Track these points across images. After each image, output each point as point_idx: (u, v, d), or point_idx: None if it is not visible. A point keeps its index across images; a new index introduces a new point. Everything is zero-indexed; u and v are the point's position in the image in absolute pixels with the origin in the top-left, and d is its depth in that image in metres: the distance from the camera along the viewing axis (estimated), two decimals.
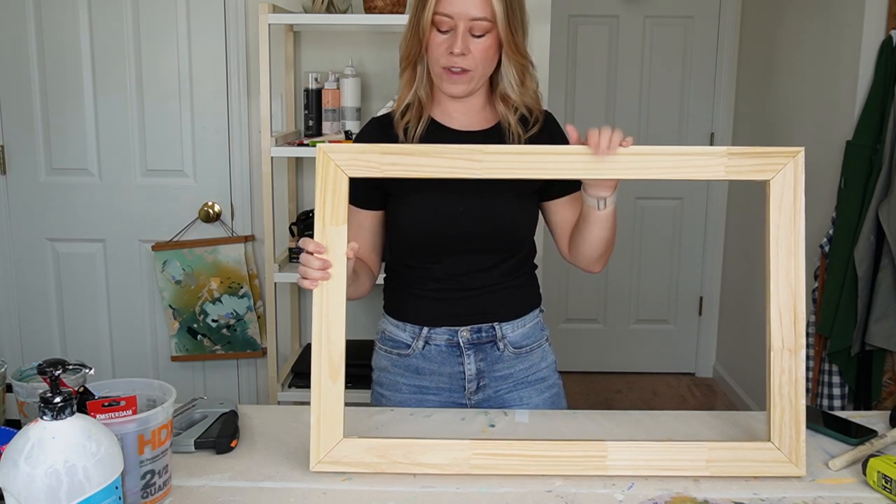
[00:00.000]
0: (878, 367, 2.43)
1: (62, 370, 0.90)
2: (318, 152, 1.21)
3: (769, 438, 1.19)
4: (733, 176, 1.19)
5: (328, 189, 1.20)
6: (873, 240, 2.37)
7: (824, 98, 2.80)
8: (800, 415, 1.17)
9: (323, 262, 1.19)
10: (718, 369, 3.97)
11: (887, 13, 2.47)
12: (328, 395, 1.18)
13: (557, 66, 3.73)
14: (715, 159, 1.18)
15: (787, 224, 1.18)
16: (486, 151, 1.20)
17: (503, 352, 1.50)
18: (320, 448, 1.18)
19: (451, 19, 1.33)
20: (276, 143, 2.39)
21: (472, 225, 1.42)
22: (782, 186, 1.18)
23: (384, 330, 1.56)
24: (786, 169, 1.18)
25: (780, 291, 1.18)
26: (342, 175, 1.20)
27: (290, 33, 2.63)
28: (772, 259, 1.18)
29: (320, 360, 1.19)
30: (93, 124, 2.71)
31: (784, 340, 1.18)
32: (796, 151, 1.18)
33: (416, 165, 1.21)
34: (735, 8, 3.72)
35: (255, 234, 2.77)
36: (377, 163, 1.21)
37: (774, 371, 1.18)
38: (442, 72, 1.38)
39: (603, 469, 1.17)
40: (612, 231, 1.43)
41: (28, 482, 0.83)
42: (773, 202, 1.18)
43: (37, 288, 2.82)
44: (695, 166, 1.19)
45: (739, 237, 3.72)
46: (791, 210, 1.18)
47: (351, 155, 1.21)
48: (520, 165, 1.21)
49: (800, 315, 1.18)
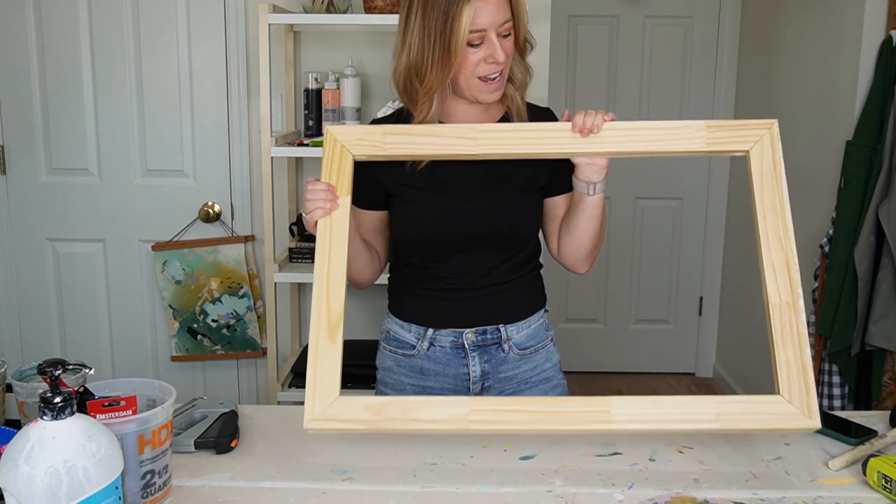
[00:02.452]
0: (878, 367, 2.43)
1: (62, 370, 0.90)
2: (325, 134, 1.29)
3: (778, 392, 1.15)
4: (713, 147, 1.25)
5: (334, 165, 1.27)
6: (873, 240, 2.36)
7: (824, 98, 2.80)
8: (807, 367, 1.15)
9: (329, 187, 1.25)
10: (718, 369, 3.97)
11: (887, 13, 2.47)
12: (326, 353, 1.17)
13: (557, 66, 3.73)
14: (695, 132, 1.25)
15: (770, 187, 1.24)
16: (482, 129, 1.28)
17: (508, 353, 1.50)
18: (315, 405, 1.15)
19: (484, 31, 1.31)
20: (276, 143, 2.39)
21: (476, 222, 1.42)
22: (761, 155, 1.25)
23: (389, 330, 1.56)
24: (763, 139, 1.25)
25: (772, 248, 1.22)
26: (348, 154, 1.27)
27: (290, 33, 2.63)
28: (759, 223, 1.23)
29: (319, 319, 1.19)
30: (93, 124, 2.71)
31: (781, 293, 1.19)
32: (770, 123, 1.26)
33: (415, 144, 1.28)
34: (735, 8, 3.72)
35: (255, 234, 2.77)
36: (380, 142, 1.28)
37: (776, 326, 1.18)
38: (479, 84, 1.35)
39: (608, 423, 1.13)
40: (601, 224, 1.42)
41: (28, 482, 0.83)
42: (755, 170, 1.25)
43: (37, 288, 2.82)
44: (676, 139, 1.26)
45: (739, 237, 3.72)
46: (772, 175, 1.24)
47: (356, 136, 1.28)
48: (513, 142, 1.28)
49: (793, 267, 1.21)
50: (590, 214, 1.39)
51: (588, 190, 1.36)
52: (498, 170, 1.41)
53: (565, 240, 1.47)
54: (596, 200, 1.38)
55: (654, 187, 3.87)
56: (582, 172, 1.35)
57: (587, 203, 1.38)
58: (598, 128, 1.26)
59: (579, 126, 1.26)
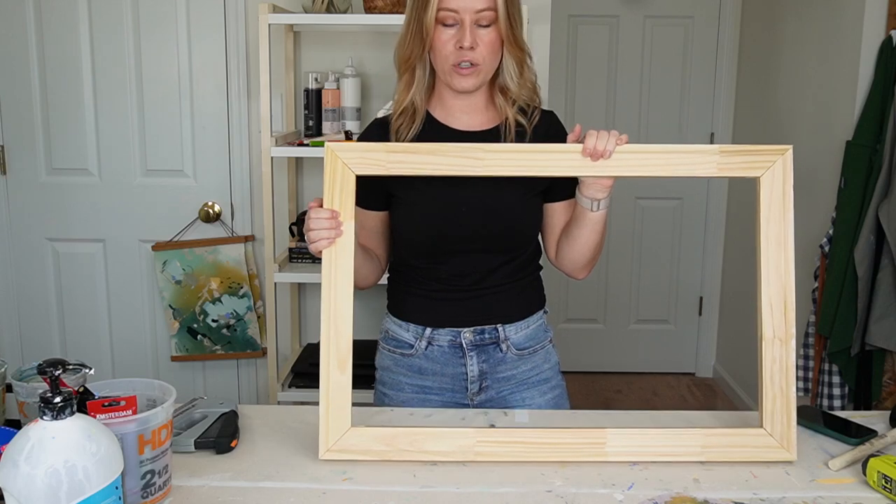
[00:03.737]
0: (878, 367, 2.43)
1: (62, 370, 0.90)
2: (326, 150, 1.25)
3: (762, 425, 1.22)
4: (725, 173, 1.24)
5: (336, 186, 1.25)
6: (873, 240, 2.36)
7: (824, 98, 2.80)
8: (790, 403, 1.22)
9: (332, 215, 1.22)
10: (718, 369, 3.97)
11: (887, 13, 2.47)
12: (336, 385, 1.21)
13: (557, 66, 3.73)
14: (708, 157, 1.23)
15: (777, 218, 1.22)
16: (488, 150, 1.24)
17: (506, 353, 1.50)
18: (329, 437, 1.21)
19: (457, 13, 1.34)
20: (276, 143, 2.39)
21: (476, 225, 1.42)
22: (772, 182, 1.22)
23: (387, 329, 1.56)
24: (775, 166, 1.23)
25: (771, 283, 1.22)
26: (349, 173, 1.25)
27: (290, 33, 2.63)
28: (762, 252, 1.22)
29: (329, 352, 1.22)
30: (93, 124, 2.71)
31: (775, 330, 1.22)
32: (784, 149, 1.23)
33: (420, 163, 1.25)
34: (735, 8, 3.72)
35: (255, 234, 2.77)
36: (383, 161, 1.25)
37: (766, 361, 1.22)
38: (451, 69, 1.37)
39: (603, 455, 1.21)
40: (602, 236, 1.43)
41: (28, 482, 0.83)
42: (763, 198, 1.23)
43: (37, 288, 2.82)
44: (688, 164, 1.24)
45: (739, 237, 3.72)
46: (780, 205, 1.22)
47: (358, 153, 1.25)
48: (520, 163, 1.25)
49: (789, 305, 1.22)
50: (591, 228, 1.40)
51: (592, 206, 1.37)
52: None
53: (564, 249, 1.47)
54: (598, 216, 1.38)
55: (654, 187, 3.87)
56: (587, 189, 1.35)
57: (589, 218, 1.38)
58: (610, 153, 1.23)
59: (590, 151, 1.23)
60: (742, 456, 1.21)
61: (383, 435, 1.22)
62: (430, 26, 1.35)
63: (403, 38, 1.41)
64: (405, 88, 1.44)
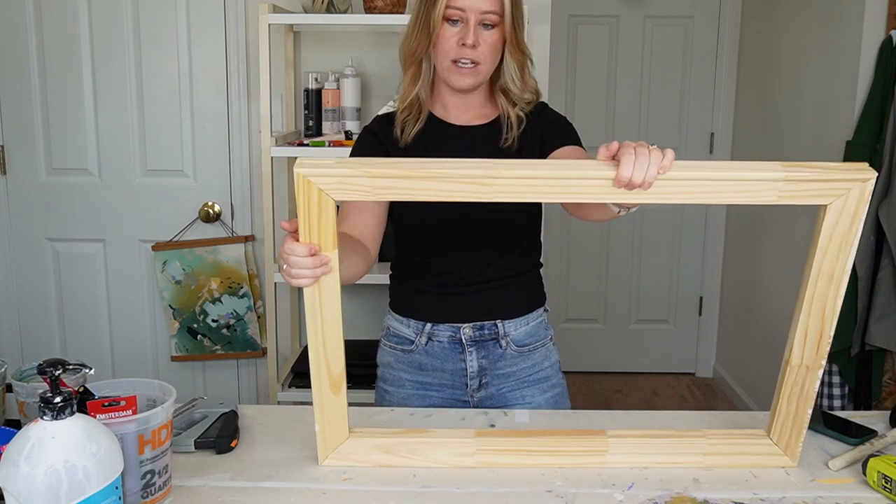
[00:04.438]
0: (878, 367, 2.43)
1: (62, 370, 0.90)
2: (296, 177, 1.00)
3: (769, 434, 1.21)
4: (786, 201, 1.02)
5: (312, 216, 1.03)
6: (873, 240, 2.36)
7: (824, 98, 2.80)
8: (803, 422, 1.18)
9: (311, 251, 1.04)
10: (718, 369, 3.97)
11: (887, 13, 2.47)
12: (331, 406, 1.19)
13: (557, 66, 3.73)
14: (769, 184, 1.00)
15: (835, 252, 1.06)
16: (497, 176, 1.00)
17: (506, 349, 1.50)
18: (327, 447, 1.20)
19: (463, 12, 1.36)
20: (276, 143, 2.39)
21: (475, 217, 1.43)
22: (840, 213, 1.03)
23: (389, 326, 1.57)
24: (850, 194, 1.02)
25: (812, 315, 1.11)
26: (328, 199, 1.02)
27: (290, 33, 2.63)
28: (809, 283, 1.08)
29: (320, 380, 1.16)
30: (93, 124, 2.71)
31: (804, 358, 1.15)
32: (867, 177, 1.01)
33: (414, 189, 1.01)
34: (735, 8, 3.72)
35: (255, 234, 2.77)
36: (368, 186, 1.01)
37: (787, 382, 1.17)
38: (451, 66, 1.39)
39: (603, 462, 1.19)
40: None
41: (28, 482, 0.83)
42: (826, 228, 1.04)
43: (37, 288, 2.82)
44: (744, 192, 1.01)
45: (739, 237, 3.72)
46: (844, 238, 1.05)
47: (337, 178, 1.01)
48: (535, 190, 1.02)
49: (825, 338, 1.12)
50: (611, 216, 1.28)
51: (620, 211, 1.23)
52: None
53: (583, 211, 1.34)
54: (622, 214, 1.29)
55: None
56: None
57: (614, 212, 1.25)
58: (650, 185, 0.99)
59: (625, 181, 0.98)
60: (744, 462, 1.20)
61: (382, 444, 1.20)
62: (438, 22, 1.37)
63: (410, 32, 1.43)
64: (411, 81, 1.46)
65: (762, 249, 3.37)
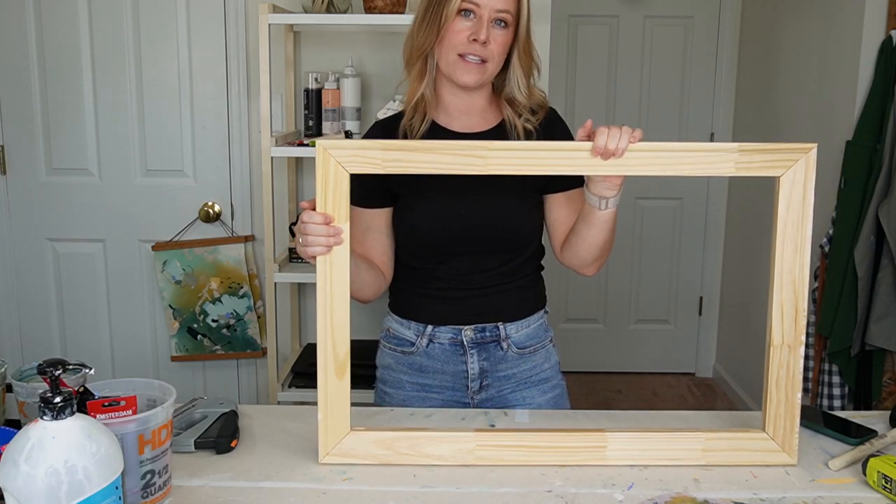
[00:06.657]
0: (878, 367, 2.43)
1: (62, 370, 0.90)
2: (317, 149, 1.16)
3: (764, 429, 1.22)
4: (744, 172, 1.17)
5: (329, 187, 1.17)
6: (873, 240, 2.36)
7: (824, 98, 2.80)
8: (794, 409, 1.21)
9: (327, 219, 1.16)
10: (718, 369, 3.97)
11: (887, 13, 2.47)
12: (335, 391, 1.20)
13: (557, 66, 3.73)
14: (726, 155, 1.16)
15: (795, 221, 1.17)
16: (491, 148, 1.17)
17: (507, 351, 1.50)
18: (328, 441, 1.20)
19: (479, 7, 1.35)
20: (276, 143, 2.39)
21: (476, 226, 1.42)
22: (792, 183, 1.16)
23: (389, 328, 1.56)
24: (797, 165, 1.16)
25: (784, 288, 1.19)
26: (343, 172, 1.17)
27: (290, 33, 2.63)
28: (777, 256, 1.18)
29: (326, 360, 1.19)
30: (93, 124, 2.71)
31: (784, 336, 1.20)
32: (808, 148, 1.16)
33: (419, 162, 1.18)
34: (735, 8, 3.73)
35: (255, 234, 2.77)
36: (380, 159, 1.17)
37: (773, 366, 1.21)
38: (457, 59, 1.37)
39: (603, 459, 1.20)
40: (611, 234, 1.38)
41: (28, 482, 0.83)
42: (782, 198, 1.17)
43: (37, 288, 2.82)
44: (706, 163, 1.17)
45: (739, 237, 3.72)
46: (800, 207, 1.17)
47: (352, 151, 1.17)
48: (524, 162, 1.18)
49: (801, 312, 1.19)
50: (600, 227, 1.34)
51: (600, 204, 1.30)
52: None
53: (572, 246, 1.43)
54: (607, 215, 1.32)
55: (654, 187, 3.87)
56: (595, 187, 1.28)
57: (598, 217, 1.33)
58: (623, 152, 1.15)
59: (601, 150, 1.15)
60: (743, 460, 1.21)
61: (383, 439, 1.21)
62: (451, 14, 1.34)
63: (418, 27, 1.40)
64: (417, 78, 1.43)
65: (762, 249, 3.37)
